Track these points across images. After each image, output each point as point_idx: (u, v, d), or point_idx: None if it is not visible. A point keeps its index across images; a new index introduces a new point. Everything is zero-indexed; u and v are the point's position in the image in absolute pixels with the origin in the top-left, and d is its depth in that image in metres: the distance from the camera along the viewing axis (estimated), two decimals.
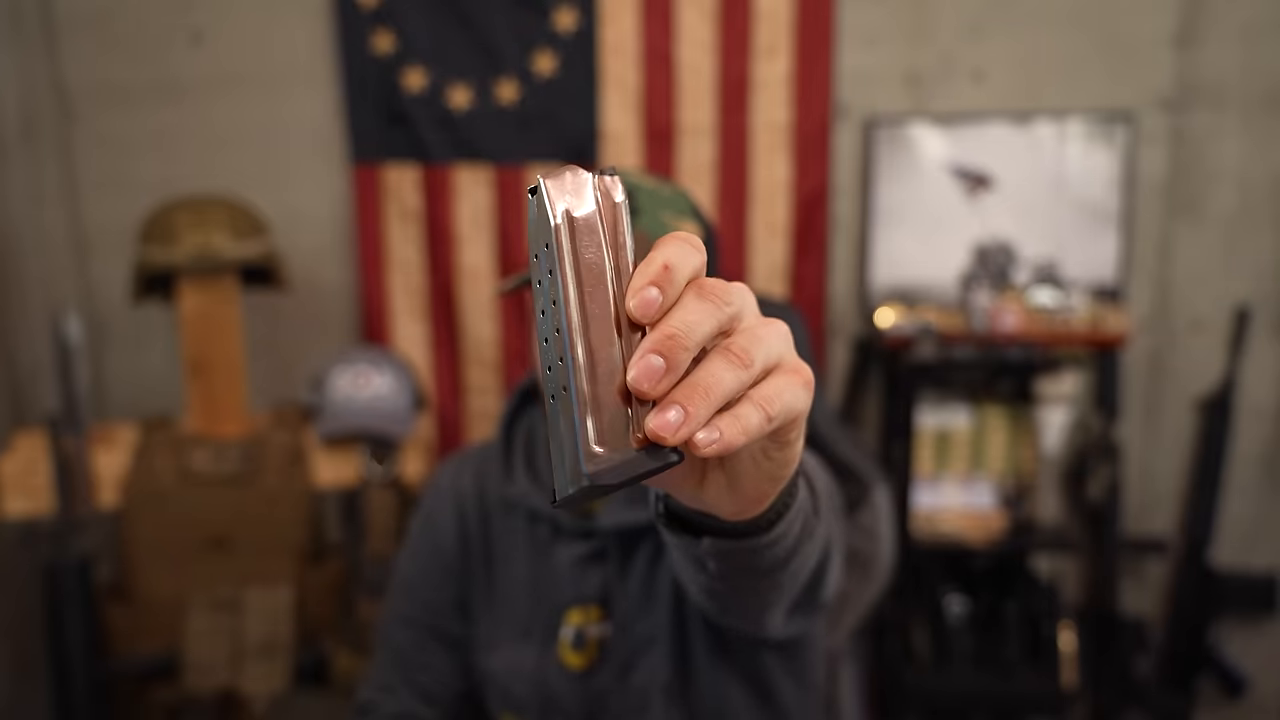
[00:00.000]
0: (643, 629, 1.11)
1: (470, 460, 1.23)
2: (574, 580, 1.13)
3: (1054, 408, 2.29)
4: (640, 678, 1.11)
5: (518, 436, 1.20)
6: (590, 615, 1.12)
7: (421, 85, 2.41)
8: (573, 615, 1.13)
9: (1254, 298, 2.46)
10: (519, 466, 1.17)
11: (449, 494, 1.20)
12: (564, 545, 1.13)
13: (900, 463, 2.30)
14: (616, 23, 2.38)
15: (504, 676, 1.15)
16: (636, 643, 1.11)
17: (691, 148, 2.43)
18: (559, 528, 1.14)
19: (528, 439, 1.19)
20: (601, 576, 1.12)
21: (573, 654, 1.13)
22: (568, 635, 1.13)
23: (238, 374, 2.12)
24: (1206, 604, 2.51)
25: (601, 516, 1.12)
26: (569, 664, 1.12)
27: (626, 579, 1.12)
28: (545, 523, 1.15)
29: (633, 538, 1.13)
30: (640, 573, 1.12)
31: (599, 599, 1.12)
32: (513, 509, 1.18)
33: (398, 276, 2.51)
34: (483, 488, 1.20)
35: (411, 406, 2.17)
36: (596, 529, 1.12)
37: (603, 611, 1.12)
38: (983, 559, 2.51)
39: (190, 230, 2.01)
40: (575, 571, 1.13)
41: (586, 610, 1.13)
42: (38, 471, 2.04)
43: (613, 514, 1.12)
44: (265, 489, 2.07)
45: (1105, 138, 2.39)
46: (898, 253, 2.46)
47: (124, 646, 2.07)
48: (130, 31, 2.43)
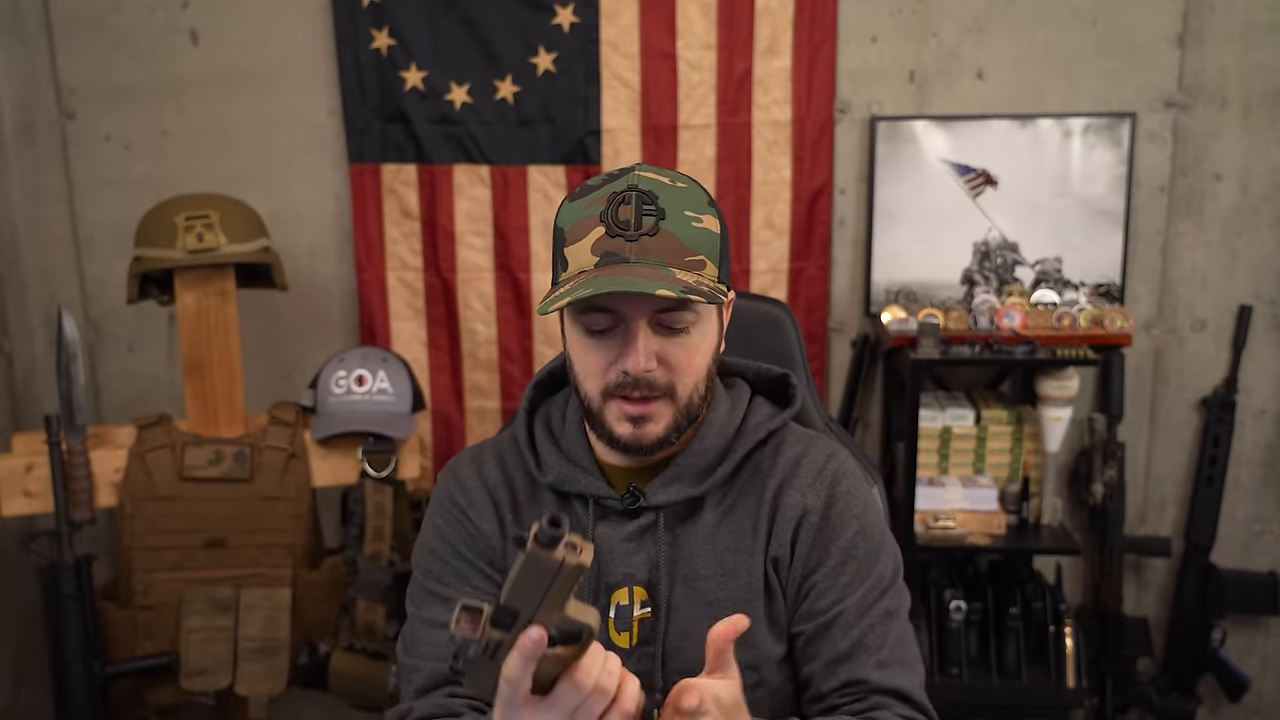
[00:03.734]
0: (683, 615, 1.12)
1: (488, 454, 1.23)
2: (622, 559, 1.14)
3: (1056, 408, 2.28)
4: (680, 660, 1.12)
5: (538, 426, 1.20)
6: (636, 595, 1.13)
7: (420, 84, 2.40)
8: (619, 594, 1.14)
9: (1256, 297, 2.45)
10: (548, 453, 1.17)
11: (478, 486, 1.19)
12: (610, 525, 1.14)
13: (902, 463, 2.29)
14: (616, 20, 2.37)
15: None
16: (677, 626, 1.13)
17: (692, 146, 2.42)
18: (605, 508, 1.14)
19: (547, 425, 1.20)
20: (647, 556, 1.14)
21: (617, 634, 1.14)
22: (612, 615, 1.14)
23: (235, 374, 2.11)
24: (1209, 604, 2.50)
25: (650, 494, 1.13)
26: (616, 643, 1.14)
27: (673, 560, 1.13)
28: (586, 503, 1.15)
29: (679, 515, 1.14)
30: (685, 554, 1.14)
31: (644, 580, 1.13)
32: (538, 496, 1.18)
33: (396, 276, 2.50)
34: (509, 478, 1.20)
35: (410, 407, 2.16)
36: (645, 506, 1.13)
37: (646, 592, 1.13)
38: (985, 559, 2.51)
39: (188, 229, 2.00)
40: (623, 550, 1.14)
41: (632, 589, 1.14)
42: (36, 472, 2.03)
43: (660, 492, 1.13)
44: (263, 489, 2.06)
45: (1107, 136, 2.38)
46: (899, 252, 2.45)
47: (122, 647, 2.06)
48: (128, 30, 2.42)
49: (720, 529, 1.14)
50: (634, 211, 1.03)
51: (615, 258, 1.02)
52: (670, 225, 1.04)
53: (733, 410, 1.17)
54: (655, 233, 1.03)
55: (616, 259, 1.02)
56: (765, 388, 1.24)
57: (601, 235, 1.03)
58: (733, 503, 1.15)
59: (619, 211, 1.03)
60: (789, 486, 1.15)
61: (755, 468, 1.17)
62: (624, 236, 1.03)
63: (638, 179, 1.06)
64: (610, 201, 1.04)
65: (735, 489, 1.16)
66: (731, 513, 1.15)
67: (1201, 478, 2.49)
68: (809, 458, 1.17)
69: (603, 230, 1.03)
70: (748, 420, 1.17)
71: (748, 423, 1.17)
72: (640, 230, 1.03)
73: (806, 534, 1.13)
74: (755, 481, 1.16)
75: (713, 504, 1.15)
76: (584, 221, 1.05)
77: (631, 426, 1.08)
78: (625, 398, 1.07)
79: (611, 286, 0.99)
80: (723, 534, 1.14)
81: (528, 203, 2.46)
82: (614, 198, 1.04)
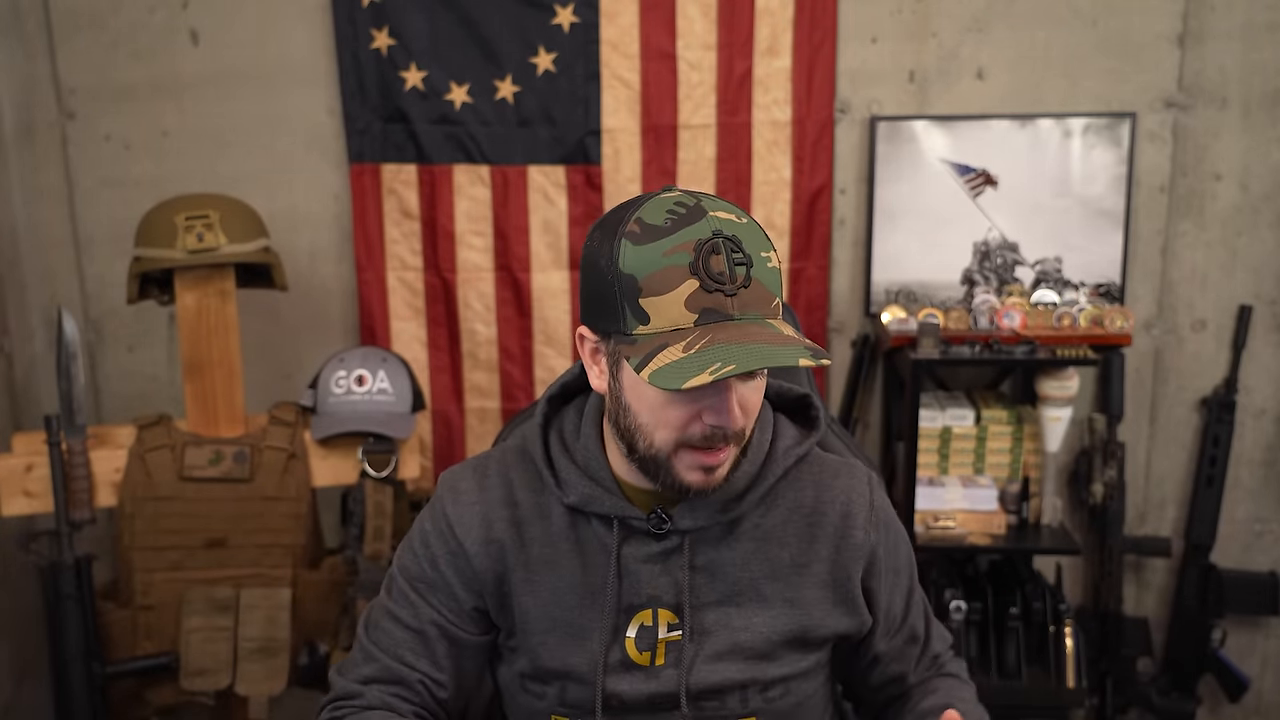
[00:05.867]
0: (716, 640, 1.13)
1: (492, 468, 1.20)
2: (648, 580, 1.13)
3: (1056, 408, 2.28)
4: (709, 682, 1.13)
5: (553, 441, 1.18)
6: (662, 617, 1.13)
7: (420, 84, 2.40)
8: (642, 615, 1.13)
9: (1256, 297, 2.45)
10: (568, 471, 1.15)
11: (474, 502, 1.18)
12: (635, 545, 1.13)
13: (902, 463, 2.29)
14: (616, 20, 2.37)
15: (558, 680, 1.15)
16: (708, 650, 1.13)
17: (692, 146, 2.42)
18: (630, 528, 1.13)
19: (561, 441, 1.17)
20: (674, 580, 1.13)
21: (639, 653, 1.13)
22: (633, 634, 1.13)
23: (235, 374, 2.11)
24: (1209, 604, 2.50)
25: (678, 518, 1.12)
26: (637, 662, 1.13)
27: (704, 584, 1.13)
28: (609, 524, 1.13)
29: (711, 539, 1.13)
30: (719, 579, 1.13)
31: (672, 604, 1.13)
32: (547, 513, 1.16)
33: (396, 276, 2.50)
34: (513, 496, 1.17)
35: (410, 407, 2.16)
36: (672, 529, 1.12)
37: (675, 615, 1.13)
38: (985, 559, 2.51)
39: (188, 229, 2.00)
40: (648, 572, 1.13)
41: (656, 611, 1.13)
42: (36, 472, 2.03)
43: (687, 516, 1.12)
44: (263, 489, 2.06)
45: (1107, 136, 2.38)
46: (899, 251, 2.45)
47: (122, 647, 2.06)
48: (128, 30, 2.42)
49: (756, 555, 1.14)
50: (726, 262, 0.98)
51: (718, 315, 0.98)
52: (756, 273, 1.00)
53: (762, 433, 1.15)
54: (749, 284, 0.99)
55: (720, 316, 0.98)
56: (785, 407, 1.23)
57: (696, 289, 0.97)
58: (768, 530, 1.15)
59: (711, 263, 0.97)
60: (852, 526, 1.16)
61: (791, 494, 1.16)
62: (723, 291, 0.97)
63: (720, 223, 0.99)
64: (699, 251, 0.97)
65: (771, 516, 1.15)
66: (769, 540, 1.14)
67: (1201, 478, 2.49)
68: (856, 493, 1.18)
69: (697, 284, 0.97)
70: (776, 445, 1.16)
71: (776, 447, 1.16)
72: (737, 283, 0.98)
73: (876, 568, 1.18)
74: (796, 509, 1.16)
75: (747, 529, 1.14)
76: (669, 272, 0.98)
77: (703, 475, 1.06)
78: (705, 449, 1.04)
79: (756, 362, 0.94)
80: (758, 560, 1.14)
81: (528, 203, 2.46)
82: (701, 245, 0.97)
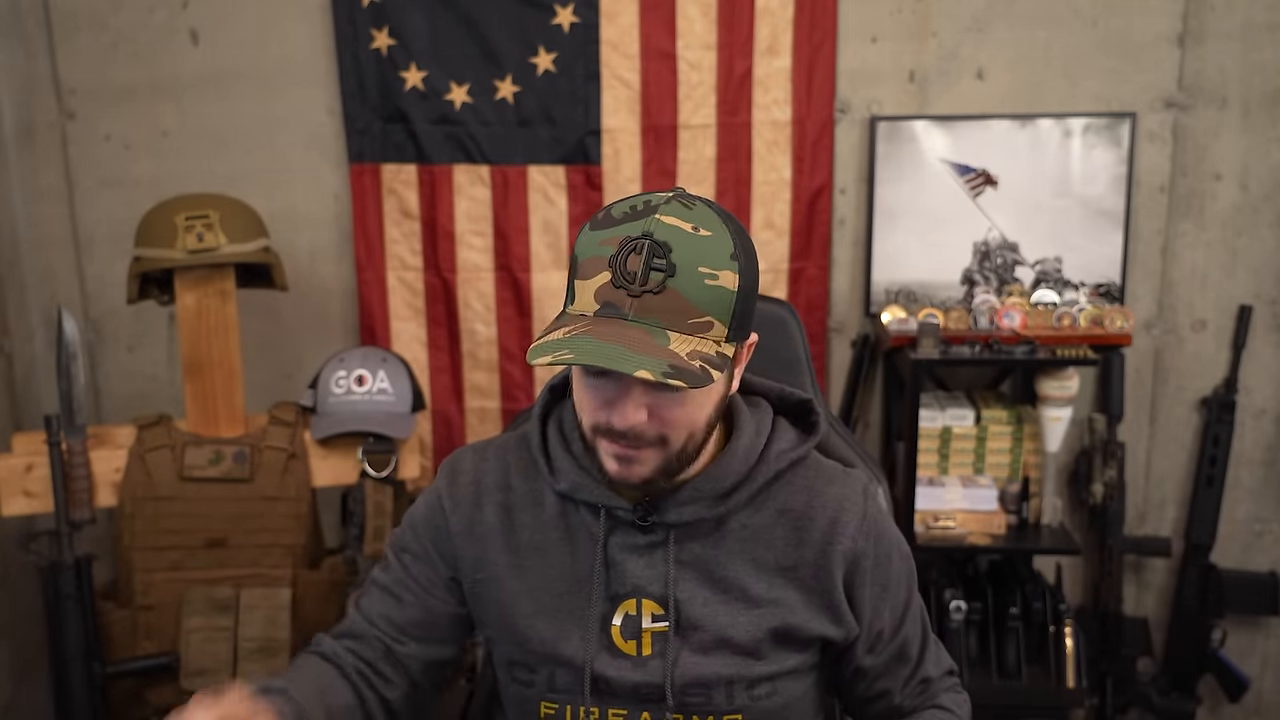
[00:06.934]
0: (702, 634, 1.14)
1: (491, 452, 1.23)
2: (633, 571, 1.14)
3: (1056, 408, 2.28)
4: (693, 674, 1.13)
5: (551, 430, 1.20)
6: (646, 607, 1.14)
7: (420, 84, 2.40)
8: (627, 604, 1.15)
9: (1256, 297, 2.45)
10: (562, 459, 1.17)
11: (470, 483, 1.21)
12: (622, 536, 1.15)
13: (902, 463, 2.29)
14: (616, 20, 2.37)
15: (546, 665, 1.16)
16: (693, 642, 1.14)
17: (692, 146, 2.42)
18: (617, 519, 1.14)
19: (560, 430, 1.19)
20: (660, 573, 1.14)
21: (624, 641, 1.14)
22: (619, 622, 1.14)
23: (235, 374, 2.11)
24: (1209, 604, 2.50)
25: (664, 511, 1.13)
26: (623, 650, 1.14)
27: (689, 578, 1.14)
28: (597, 513, 1.15)
29: (698, 534, 1.14)
30: (705, 574, 1.14)
31: (658, 596, 1.14)
32: (539, 501, 1.19)
33: (396, 275, 2.50)
34: (508, 480, 1.20)
35: (410, 407, 2.16)
36: (657, 522, 1.13)
37: (661, 607, 1.14)
38: (985, 559, 2.51)
39: (188, 229, 2.00)
40: (633, 563, 1.14)
41: (641, 602, 1.14)
42: (36, 472, 2.03)
43: (673, 511, 1.13)
44: (263, 489, 2.06)
45: (1107, 136, 2.38)
46: (899, 251, 2.45)
47: (122, 647, 2.06)
48: (128, 30, 2.42)
49: (741, 554, 1.14)
50: (642, 264, 0.97)
51: (613, 310, 0.98)
52: (679, 283, 0.98)
53: (757, 435, 1.15)
54: (661, 290, 0.97)
55: (614, 312, 0.98)
56: (786, 410, 1.23)
57: (606, 282, 0.99)
58: (755, 530, 1.15)
59: (628, 261, 0.98)
60: (840, 533, 1.14)
61: (783, 496, 1.16)
62: (627, 290, 0.98)
63: (656, 225, 0.99)
64: (622, 247, 0.98)
65: (759, 517, 1.15)
66: (755, 540, 1.15)
67: (1201, 478, 2.49)
68: (850, 501, 1.16)
69: (608, 277, 0.99)
70: (771, 447, 1.16)
71: (770, 449, 1.16)
72: (645, 286, 0.97)
73: (860, 578, 1.16)
74: (785, 512, 1.16)
75: (734, 528, 1.15)
76: (595, 261, 1.00)
77: (618, 465, 1.07)
78: (615, 440, 1.05)
79: (592, 359, 0.95)
80: (743, 559, 1.14)
81: (528, 203, 2.46)
82: (626, 243, 0.98)
